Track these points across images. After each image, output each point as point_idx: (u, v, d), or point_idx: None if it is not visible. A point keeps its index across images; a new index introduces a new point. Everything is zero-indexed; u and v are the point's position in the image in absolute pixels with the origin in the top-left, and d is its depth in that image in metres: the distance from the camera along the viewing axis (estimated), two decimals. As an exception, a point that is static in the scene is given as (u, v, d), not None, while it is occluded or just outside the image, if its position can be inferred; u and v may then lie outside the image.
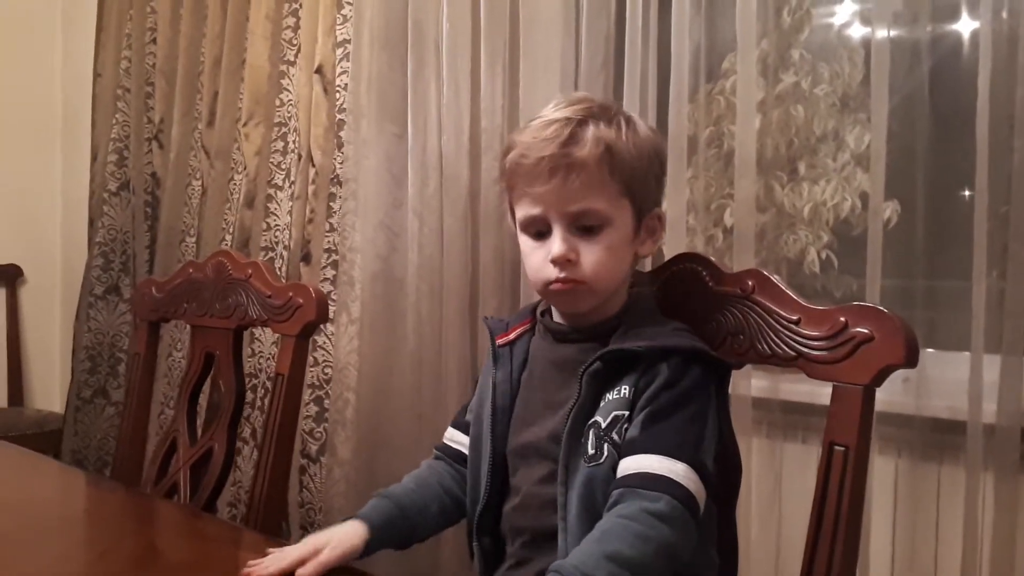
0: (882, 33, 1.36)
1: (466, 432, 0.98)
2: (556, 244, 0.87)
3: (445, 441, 1.02)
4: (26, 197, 2.83)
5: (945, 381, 1.38)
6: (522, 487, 0.91)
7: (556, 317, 0.95)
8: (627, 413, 0.83)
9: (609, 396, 0.85)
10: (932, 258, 1.42)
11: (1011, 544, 1.28)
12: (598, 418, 0.84)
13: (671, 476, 0.79)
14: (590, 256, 0.88)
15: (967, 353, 1.31)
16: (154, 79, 2.48)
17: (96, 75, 2.62)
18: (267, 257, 2.11)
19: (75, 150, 2.78)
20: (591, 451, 0.83)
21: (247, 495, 1.99)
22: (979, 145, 1.27)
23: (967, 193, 1.41)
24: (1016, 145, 1.24)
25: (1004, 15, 1.29)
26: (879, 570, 1.42)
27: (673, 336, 0.87)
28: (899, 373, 0.82)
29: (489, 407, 0.93)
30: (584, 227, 0.88)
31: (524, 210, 0.90)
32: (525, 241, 0.92)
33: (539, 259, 0.90)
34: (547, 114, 0.90)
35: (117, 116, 2.55)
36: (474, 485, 0.94)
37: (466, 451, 0.97)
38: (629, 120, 0.91)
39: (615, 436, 0.83)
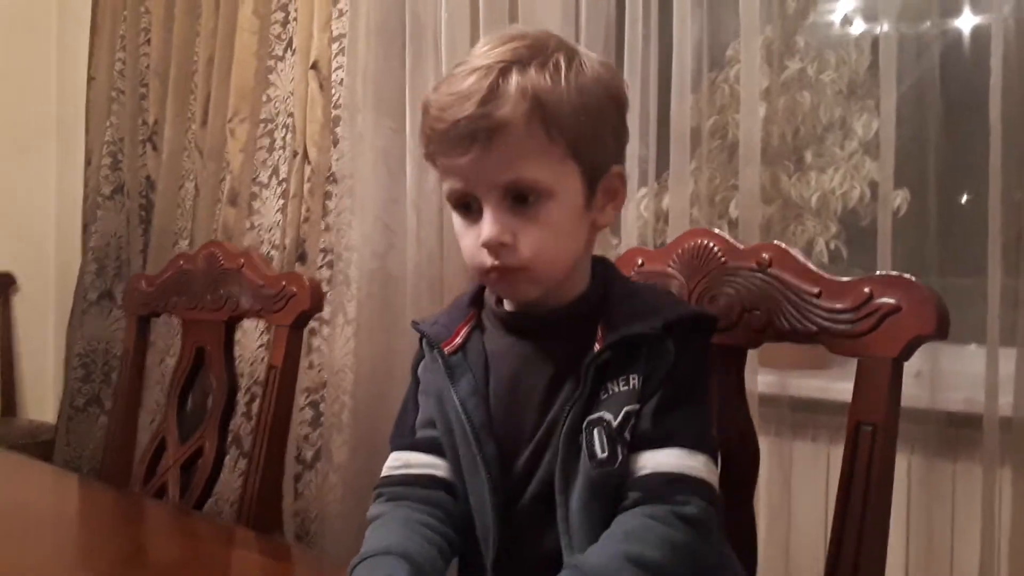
0: (890, 20, 1.33)
1: (434, 452, 0.79)
2: (487, 226, 0.71)
3: (401, 471, 0.79)
4: (19, 204, 2.79)
5: (958, 375, 1.35)
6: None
7: (508, 304, 0.79)
8: (638, 407, 0.72)
9: (614, 388, 0.73)
10: (944, 247, 1.38)
11: (1031, 541, 1.24)
12: (604, 415, 0.72)
13: (695, 474, 0.71)
14: (529, 237, 0.72)
15: (976, 347, 1.27)
16: (148, 80, 2.44)
17: (90, 78, 2.59)
18: (251, 256, 2.07)
19: (69, 155, 2.74)
20: (601, 454, 0.71)
21: (237, 496, 1.95)
22: (992, 128, 1.24)
23: (980, 180, 1.37)
24: (1032, 125, 1.21)
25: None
26: (893, 571, 1.37)
27: (672, 304, 0.77)
28: (910, 367, 0.77)
29: (468, 429, 0.76)
30: (520, 200, 0.72)
31: (447, 183, 0.74)
32: (455, 219, 0.76)
33: (471, 243, 0.74)
34: (470, 60, 0.73)
35: (111, 119, 2.51)
36: (480, 524, 0.77)
37: (440, 474, 0.79)
38: (572, 58, 0.73)
39: (627, 435, 0.71)
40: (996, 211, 1.25)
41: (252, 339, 2.03)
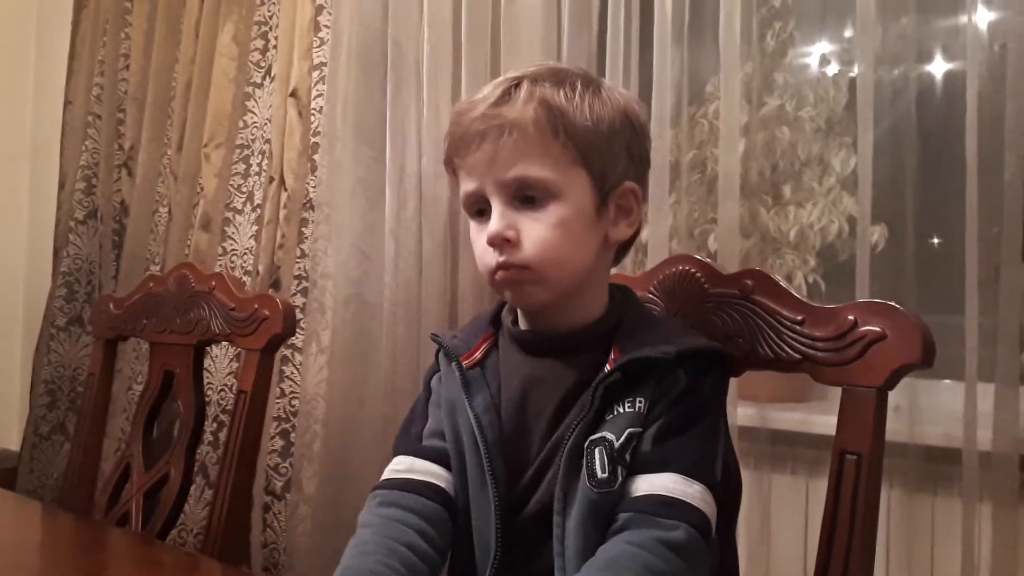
0: (867, 60, 1.35)
1: (438, 462, 0.80)
2: (491, 222, 0.75)
3: (403, 475, 0.80)
4: (-10, 227, 2.74)
5: (937, 410, 1.34)
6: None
7: (524, 325, 0.80)
8: (641, 430, 0.72)
9: (619, 409, 0.73)
10: (921, 282, 1.39)
11: (1011, 577, 1.22)
12: (607, 435, 0.72)
13: (688, 500, 0.70)
14: (533, 233, 0.74)
15: (953, 382, 1.27)
16: (126, 106, 2.42)
17: (67, 102, 2.56)
18: (222, 284, 2.05)
19: (43, 178, 2.70)
20: (601, 474, 0.71)
21: (202, 527, 1.90)
22: (968, 162, 1.25)
23: (957, 215, 1.38)
24: (1007, 160, 1.22)
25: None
26: (873, 608, 1.35)
27: (690, 336, 0.77)
28: (889, 402, 0.76)
29: (480, 444, 0.76)
30: (526, 199, 0.75)
31: (462, 188, 0.79)
32: (471, 228, 0.79)
33: (481, 245, 0.77)
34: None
35: (87, 143, 2.48)
36: (481, 541, 0.77)
37: (441, 484, 0.79)
38: (590, 84, 0.78)
39: (628, 457, 0.71)
40: (973, 247, 1.26)
41: (221, 365, 1.99)
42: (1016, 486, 1.22)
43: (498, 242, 0.75)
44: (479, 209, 0.78)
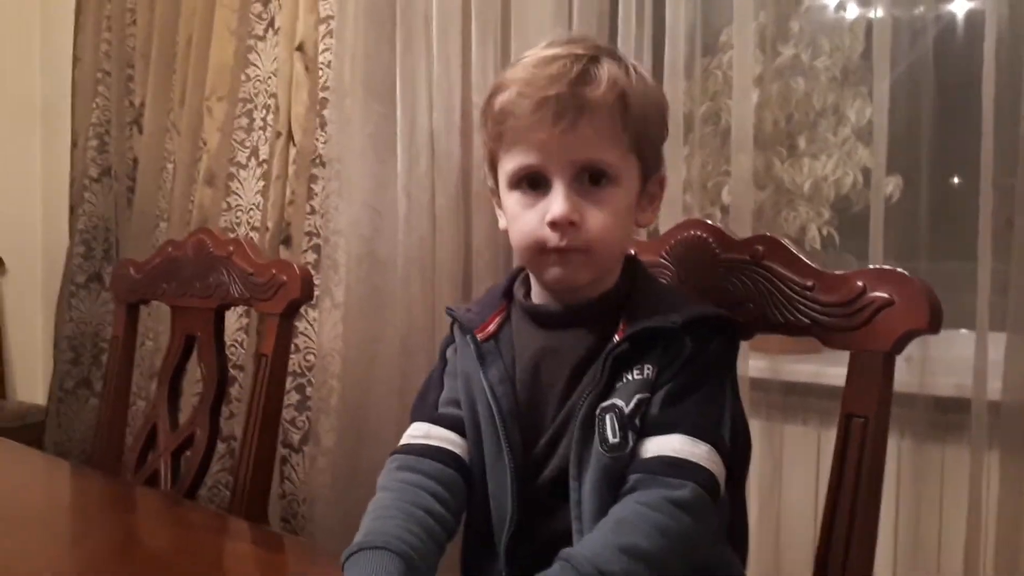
0: (884, 5, 1.32)
1: (454, 429, 0.82)
2: (557, 203, 0.74)
3: (420, 441, 0.82)
4: (5, 186, 2.76)
5: (949, 360, 1.35)
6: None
7: (537, 298, 0.82)
8: (650, 396, 0.74)
9: (628, 377, 0.75)
10: (936, 234, 1.38)
11: (1017, 524, 1.25)
12: (618, 401, 0.74)
13: (695, 460, 0.72)
14: (595, 219, 0.74)
15: (967, 332, 1.27)
16: (135, 62, 2.41)
17: (76, 59, 2.56)
18: (229, 238, 2.06)
19: (55, 137, 2.71)
20: (612, 439, 0.73)
21: (214, 480, 1.95)
22: (984, 113, 1.23)
23: (971, 165, 1.37)
24: (1024, 113, 1.20)
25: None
26: (882, 553, 1.36)
27: (696, 304, 0.78)
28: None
29: (495, 414, 0.78)
30: (591, 182, 0.75)
31: (516, 159, 0.76)
32: (514, 198, 0.77)
33: (534, 220, 0.75)
34: (544, 51, 0.76)
35: (97, 101, 2.48)
36: (498, 507, 0.79)
37: (456, 451, 0.81)
38: (635, 66, 0.79)
39: (638, 422, 0.74)
40: (987, 197, 1.25)
41: (231, 322, 2.01)
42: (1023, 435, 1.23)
43: (564, 225, 0.74)
44: (532, 182, 0.77)
